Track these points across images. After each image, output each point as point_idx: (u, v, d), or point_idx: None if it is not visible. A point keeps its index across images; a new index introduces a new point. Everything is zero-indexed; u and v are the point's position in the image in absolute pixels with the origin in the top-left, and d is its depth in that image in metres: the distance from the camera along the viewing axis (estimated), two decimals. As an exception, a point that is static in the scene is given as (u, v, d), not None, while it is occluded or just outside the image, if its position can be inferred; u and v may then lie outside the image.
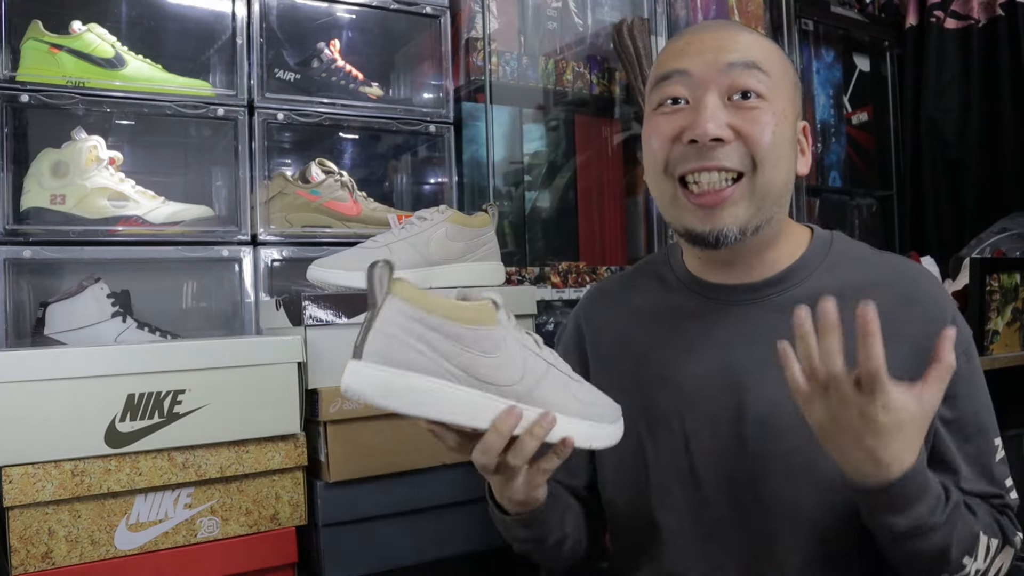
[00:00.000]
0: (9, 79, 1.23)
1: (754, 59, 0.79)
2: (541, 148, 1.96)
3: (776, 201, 0.81)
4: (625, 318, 0.93)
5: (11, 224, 1.22)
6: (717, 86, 0.78)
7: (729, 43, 0.80)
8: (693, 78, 0.79)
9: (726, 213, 0.78)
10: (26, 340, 1.23)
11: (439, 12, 1.60)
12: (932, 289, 0.83)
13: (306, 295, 1.05)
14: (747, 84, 0.78)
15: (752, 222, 0.79)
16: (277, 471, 1.01)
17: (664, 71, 0.82)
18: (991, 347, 1.56)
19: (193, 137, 1.53)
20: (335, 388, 1.04)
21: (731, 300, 0.85)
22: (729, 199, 0.78)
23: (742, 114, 0.78)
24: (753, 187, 0.78)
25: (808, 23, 2.27)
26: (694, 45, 0.81)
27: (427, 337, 0.64)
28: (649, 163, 0.84)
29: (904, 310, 0.79)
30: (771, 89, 0.79)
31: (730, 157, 0.77)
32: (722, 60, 0.78)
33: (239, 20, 1.40)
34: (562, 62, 1.81)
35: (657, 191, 0.84)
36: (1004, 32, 2.23)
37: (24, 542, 0.87)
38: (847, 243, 0.88)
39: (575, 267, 1.70)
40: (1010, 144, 2.21)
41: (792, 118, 0.81)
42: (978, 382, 0.82)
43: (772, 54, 0.82)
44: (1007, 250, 1.85)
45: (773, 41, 0.85)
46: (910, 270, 0.85)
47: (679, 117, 0.80)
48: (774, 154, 0.78)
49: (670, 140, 0.80)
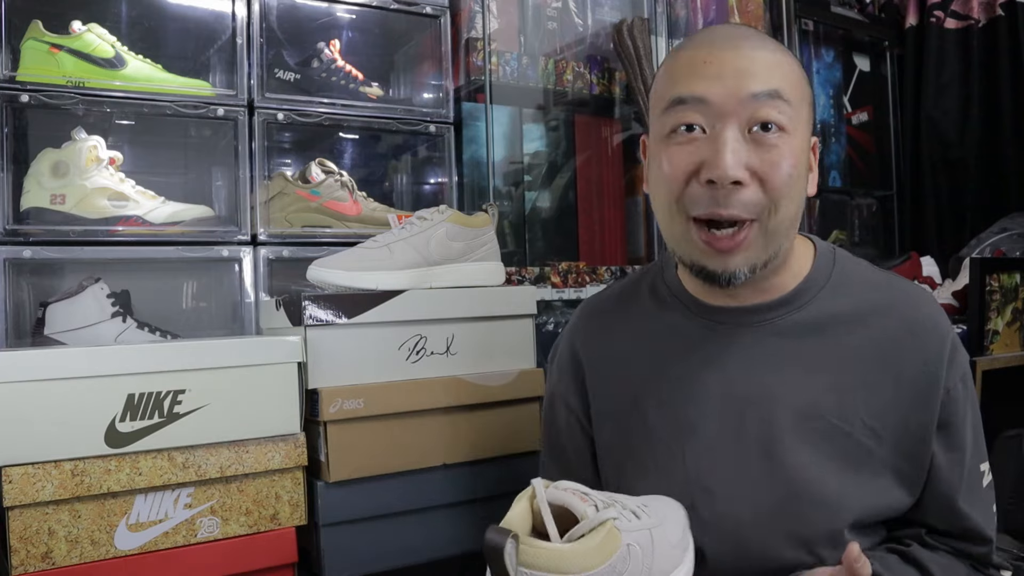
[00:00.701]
0: (9, 79, 1.23)
1: (778, 88, 0.73)
2: (541, 148, 1.96)
3: (786, 234, 0.77)
4: (621, 342, 0.90)
5: (11, 224, 1.23)
6: (738, 118, 0.73)
7: (751, 65, 0.73)
8: (712, 107, 0.73)
9: (739, 256, 0.75)
10: (26, 340, 1.23)
11: (439, 12, 1.60)
12: (933, 315, 0.81)
13: (306, 295, 1.05)
14: (769, 116, 0.72)
15: (761, 259, 0.76)
16: (277, 471, 1.01)
17: (679, 93, 0.75)
18: (991, 347, 1.55)
19: (193, 137, 1.53)
20: (335, 388, 1.04)
21: (731, 322, 0.83)
22: (743, 243, 0.75)
23: (761, 153, 0.73)
24: (764, 229, 0.75)
25: (808, 23, 2.27)
26: (712, 66, 0.74)
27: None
28: (660, 193, 0.79)
29: (905, 336, 0.79)
30: (792, 119, 0.74)
31: (748, 204, 0.73)
32: (744, 89, 0.72)
33: (239, 20, 1.41)
34: (562, 62, 1.81)
35: (666, 222, 0.79)
36: (1004, 32, 2.23)
37: (24, 542, 0.87)
38: (850, 262, 0.86)
39: (575, 267, 1.70)
40: (1010, 144, 2.21)
41: (807, 141, 0.78)
42: (971, 409, 0.82)
43: (794, 74, 0.76)
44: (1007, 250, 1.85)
45: (790, 52, 0.79)
46: (912, 293, 0.83)
47: (696, 150, 0.74)
48: (789, 193, 0.74)
49: (687, 175, 0.75)
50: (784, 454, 0.77)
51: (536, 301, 1.24)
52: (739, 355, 0.81)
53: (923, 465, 0.78)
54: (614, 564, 0.63)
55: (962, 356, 0.81)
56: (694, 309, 0.85)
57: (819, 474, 0.77)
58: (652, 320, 0.89)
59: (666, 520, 0.73)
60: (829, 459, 0.77)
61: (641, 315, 0.90)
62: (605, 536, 0.63)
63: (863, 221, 2.46)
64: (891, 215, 2.46)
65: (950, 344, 0.79)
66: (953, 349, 0.79)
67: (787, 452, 0.77)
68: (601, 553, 0.62)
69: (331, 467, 1.03)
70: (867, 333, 0.79)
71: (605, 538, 0.63)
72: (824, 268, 0.83)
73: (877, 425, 0.77)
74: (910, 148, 2.42)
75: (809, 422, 0.78)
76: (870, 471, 0.77)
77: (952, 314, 1.60)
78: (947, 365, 0.78)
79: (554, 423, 0.95)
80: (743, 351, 0.81)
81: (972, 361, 1.43)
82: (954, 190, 2.34)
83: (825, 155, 2.36)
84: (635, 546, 0.66)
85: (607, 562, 0.62)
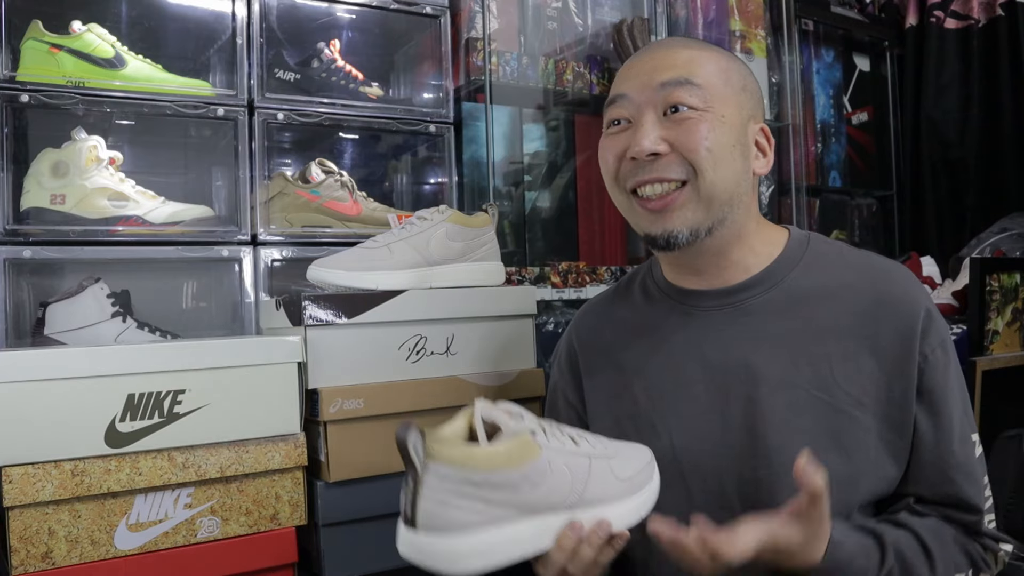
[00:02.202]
0: (9, 79, 1.23)
1: (686, 75, 0.83)
2: (541, 148, 1.96)
3: (727, 203, 0.84)
4: (611, 332, 0.97)
5: (11, 224, 1.23)
6: (652, 105, 0.84)
7: (663, 62, 0.85)
8: (632, 100, 0.85)
9: (675, 216, 0.83)
10: (26, 340, 1.23)
11: (439, 12, 1.60)
12: (907, 286, 0.84)
13: (306, 295, 1.05)
14: (678, 99, 0.82)
15: (703, 224, 0.83)
16: (277, 471, 1.01)
17: (611, 95, 0.88)
18: (991, 347, 1.55)
19: (193, 137, 1.53)
20: (335, 388, 1.04)
21: (706, 306, 0.89)
22: (675, 203, 0.83)
23: (675, 127, 0.82)
24: (698, 191, 0.82)
25: (808, 23, 2.27)
26: (634, 69, 0.87)
27: (477, 494, 0.65)
28: (605, 177, 0.90)
29: (878, 309, 0.82)
30: (706, 100, 0.82)
31: (669, 168, 0.82)
32: (655, 80, 0.83)
33: (239, 20, 1.41)
34: (562, 62, 1.81)
35: (617, 203, 0.90)
36: (1004, 32, 2.23)
37: (24, 542, 0.87)
38: (824, 243, 0.91)
39: (575, 267, 1.70)
40: (1010, 144, 2.21)
41: (739, 122, 0.84)
42: (955, 379, 0.84)
43: (712, 66, 0.85)
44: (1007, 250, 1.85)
45: (722, 52, 0.89)
46: (886, 268, 0.87)
47: (623, 137, 0.86)
48: (713, 159, 0.82)
49: (617, 158, 0.86)
50: (766, 429, 0.81)
51: (536, 301, 1.24)
52: (716, 336, 0.87)
53: (907, 434, 0.81)
54: (527, 474, 0.67)
55: (939, 326, 0.83)
56: (675, 297, 0.92)
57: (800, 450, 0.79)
58: (640, 313, 0.95)
59: (618, 455, 0.76)
60: (811, 432, 0.80)
61: (631, 309, 0.97)
62: (517, 444, 0.67)
63: (863, 221, 2.46)
64: (891, 215, 2.46)
65: (924, 313, 0.82)
66: (928, 319, 0.82)
67: (769, 427, 0.81)
68: (509, 458, 0.66)
69: (331, 467, 1.03)
70: (841, 307, 0.83)
71: (517, 446, 0.67)
72: (796, 249, 0.89)
73: (858, 393, 0.81)
74: (910, 148, 2.42)
75: (788, 394, 0.81)
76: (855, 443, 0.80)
77: (952, 314, 1.60)
78: (921, 334, 0.81)
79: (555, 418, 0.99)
80: (720, 332, 0.87)
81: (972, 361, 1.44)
82: (954, 190, 2.34)
83: (825, 155, 2.36)
84: (562, 467, 0.70)
85: (517, 468, 0.66)
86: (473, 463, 0.65)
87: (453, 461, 0.64)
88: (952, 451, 0.81)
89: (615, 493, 0.74)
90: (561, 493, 0.70)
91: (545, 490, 0.68)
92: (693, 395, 0.86)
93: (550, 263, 1.72)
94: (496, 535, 0.66)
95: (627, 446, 0.79)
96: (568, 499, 0.70)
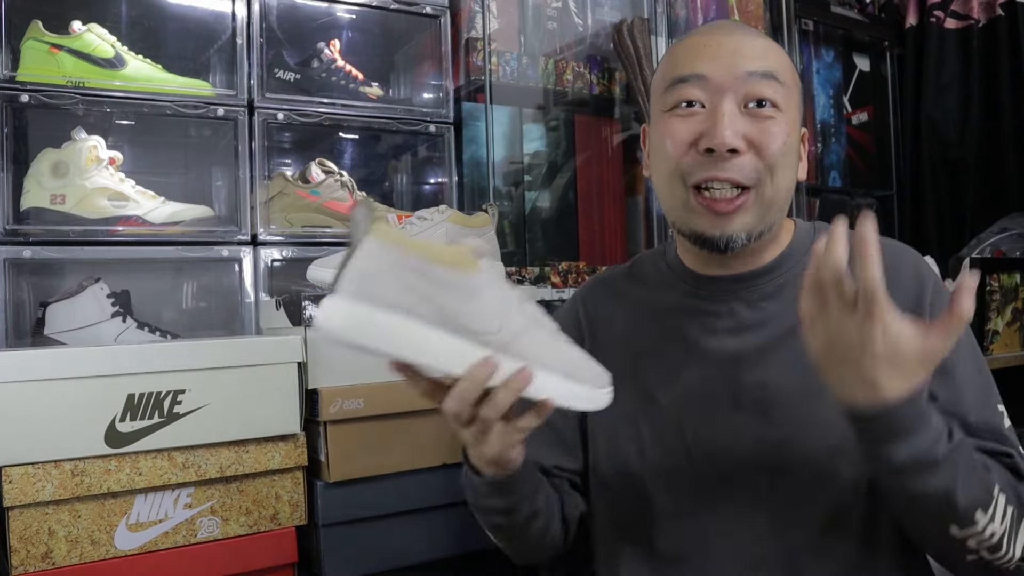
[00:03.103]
0: (9, 79, 1.23)
1: (771, 69, 0.79)
2: (541, 148, 1.96)
3: (781, 208, 0.83)
4: (624, 310, 0.94)
5: (11, 224, 1.23)
6: (735, 93, 0.78)
7: (747, 49, 0.80)
8: (711, 83, 0.79)
9: (737, 220, 0.79)
10: (26, 340, 1.23)
11: (439, 12, 1.60)
12: (913, 262, 0.84)
13: (306, 295, 1.05)
14: (763, 93, 0.78)
15: (758, 228, 0.81)
16: (277, 471, 1.01)
17: (680, 73, 0.81)
18: (991, 347, 1.55)
19: (193, 137, 1.53)
20: (335, 388, 1.04)
21: (722, 291, 0.87)
22: (741, 208, 0.79)
23: (757, 124, 0.78)
24: (762, 197, 0.80)
25: (808, 23, 2.27)
26: (711, 48, 0.80)
27: (405, 277, 0.62)
28: (661, 165, 0.83)
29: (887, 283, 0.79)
30: (785, 99, 0.80)
31: (743, 170, 0.78)
32: (740, 67, 0.78)
33: (239, 20, 1.41)
34: (562, 62, 1.81)
35: (667, 193, 0.84)
36: (1004, 32, 2.23)
37: (24, 542, 0.87)
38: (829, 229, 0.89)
39: (575, 267, 1.70)
40: (1010, 144, 2.21)
41: (798, 125, 0.83)
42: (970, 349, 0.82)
43: (785, 62, 0.82)
44: (1007, 250, 1.85)
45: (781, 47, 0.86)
46: (892, 246, 0.85)
47: (696, 122, 0.79)
48: (783, 164, 0.80)
49: (686, 145, 0.80)
50: (778, 412, 0.80)
51: (536, 301, 1.23)
52: (731, 320, 0.86)
53: None
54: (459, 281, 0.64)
55: (945, 299, 0.82)
56: (690, 282, 0.89)
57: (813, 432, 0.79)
58: (653, 295, 0.93)
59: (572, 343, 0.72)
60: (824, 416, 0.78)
61: (644, 290, 0.95)
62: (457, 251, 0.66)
63: (863, 221, 2.45)
64: (891, 215, 2.46)
65: (932, 286, 0.82)
66: (936, 291, 0.82)
67: (781, 410, 0.80)
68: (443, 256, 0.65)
69: (331, 467, 1.03)
70: None
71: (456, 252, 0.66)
72: (805, 238, 0.88)
73: None
74: (910, 148, 2.42)
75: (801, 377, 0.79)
76: None
77: (952, 314, 1.60)
78: (930, 305, 0.80)
79: None
80: (734, 317, 0.86)
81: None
82: (954, 190, 2.34)
83: (825, 155, 2.36)
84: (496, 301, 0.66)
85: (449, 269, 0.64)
86: (409, 246, 0.63)
87: (391, 237, 0.63)
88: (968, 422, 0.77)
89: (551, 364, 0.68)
90: (487, 325, 0.65)
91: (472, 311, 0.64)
92: (705, 379, 0.84)
93: (550, 263, 1.72)
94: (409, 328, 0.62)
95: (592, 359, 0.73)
96: (495, 338, 0.65)
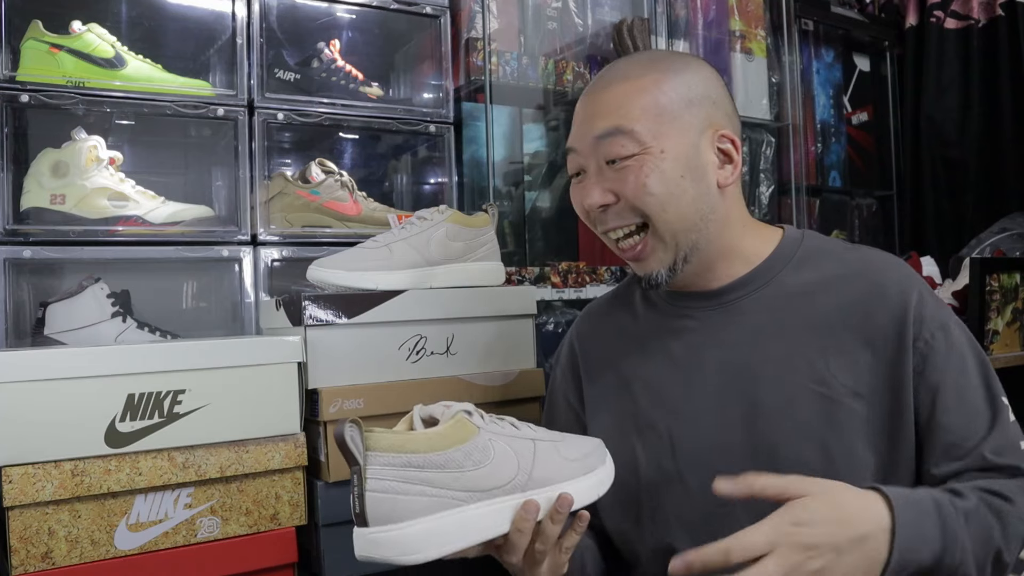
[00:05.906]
0: (9, 79, 1.23)
1: (616, 124, 0.81)
2: (541, 148, 1.96)
3: (693, 231, 0.83)
4: (609, 335, 0.98)
5: (11, 224, 1.22)
6: (594, 158, 0.84)
7: (596, 109, 0.84)
8: (580, 153, 0.86)
9: (649, 262, 0.85)
10: (26, 340, 1.23)
11: (439, 12, 1.60)
12: (898, 275, 0.84)
13: (306, 295, 1.05)
14: (611, 152, 0.82)
15: (677, 258, 0.84)
16: (277, 471, 1.01)
17: (567, 144, 0.88)
18: (991, 347, 1.56)
19: (193, 137, 1.53)
20: (335, 388, 1.04)
21: (703, 307, 0.89)
22: (645, 251, 0.84)
23: (616, 176, 0.82)
24: (659, 233, 0.83)
25: (808, 23, 2.27)
26: (578, 117, 0.87)
27: (420, 477, 0.64)
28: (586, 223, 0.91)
29: (870, 300, 0.82)
30: (641, 142, 0.81)
31: (622, 216, 0.84)
32: (590, 134, 0.83)
33: (239, 20, 1.40)
34: (562, 62, 1.81)
35: None
36: (1004, 32, 2.24)
37: (24, 542, 0.87)
38: (817, 239, 0.90)
39: (575, 267, 1.70)
40: (1010, 144, 2.21)
41: (685, 148, 0.82)
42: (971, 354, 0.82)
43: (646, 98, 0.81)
44: (1007, 250, 1.85)
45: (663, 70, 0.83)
46: (879, 261, 0.86)
47: (580, 189, 0.87)
48: (659, 202, 0.81)
49: (583, 208, 0.87)
50: (765, 426, 0.81)
51: (536, 301, 1.24)
52: (712, 336, 0.87)
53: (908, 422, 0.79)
54: (468, 452, 0.67)
55: (935, 310, 0.81)
56: (670, 301, 0.93)
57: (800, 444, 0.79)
58: (639, 316, 0.96)
59: (564, 440, 0.76)
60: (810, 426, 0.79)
61: (630, 312, 0.97)
62: (453, 424, 0.68)
63: (863, 221, 2.46)
64: (891, 215, 2.46)
65: (916, 299, 0.81)
66: (921, 304, 0.81)
67: (768, 424, 0.81)
68: (446, 437, 0.66)
69: (331, 467, 1.03)
70: (834, 300, 0.83)
71: (452, 425, 0.67)
72: (789, 248, 0.89)
73: (854, 384, 0.79)
74: (910, 148, 2.42)
75: (786, 389, 0.81)
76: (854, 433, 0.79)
77: (952, 314, 1.60)
78: (915, 320, 0.80)
79: (554, 420, 1.00)
80: (716, 331, 0.87)
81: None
82: (954, 190, 2.34)
83: (825, 155, 2.36)
84: (504, 447, 0.69)
85: (457, 447, 0.66)
86: (412, 446, 0.64)
87: (392, 447, 0.64)
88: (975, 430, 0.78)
89: (567, 473, 0.73)
90: (508, 473, 0.69)
91: (490, 470, 0.67)
92: (691, 395, 0.86)
93: (550, 263, 1.72)
94: (447, 520, 0.65)
95: (574, 436, 0.79)
96: (517, 480, 0.69)
